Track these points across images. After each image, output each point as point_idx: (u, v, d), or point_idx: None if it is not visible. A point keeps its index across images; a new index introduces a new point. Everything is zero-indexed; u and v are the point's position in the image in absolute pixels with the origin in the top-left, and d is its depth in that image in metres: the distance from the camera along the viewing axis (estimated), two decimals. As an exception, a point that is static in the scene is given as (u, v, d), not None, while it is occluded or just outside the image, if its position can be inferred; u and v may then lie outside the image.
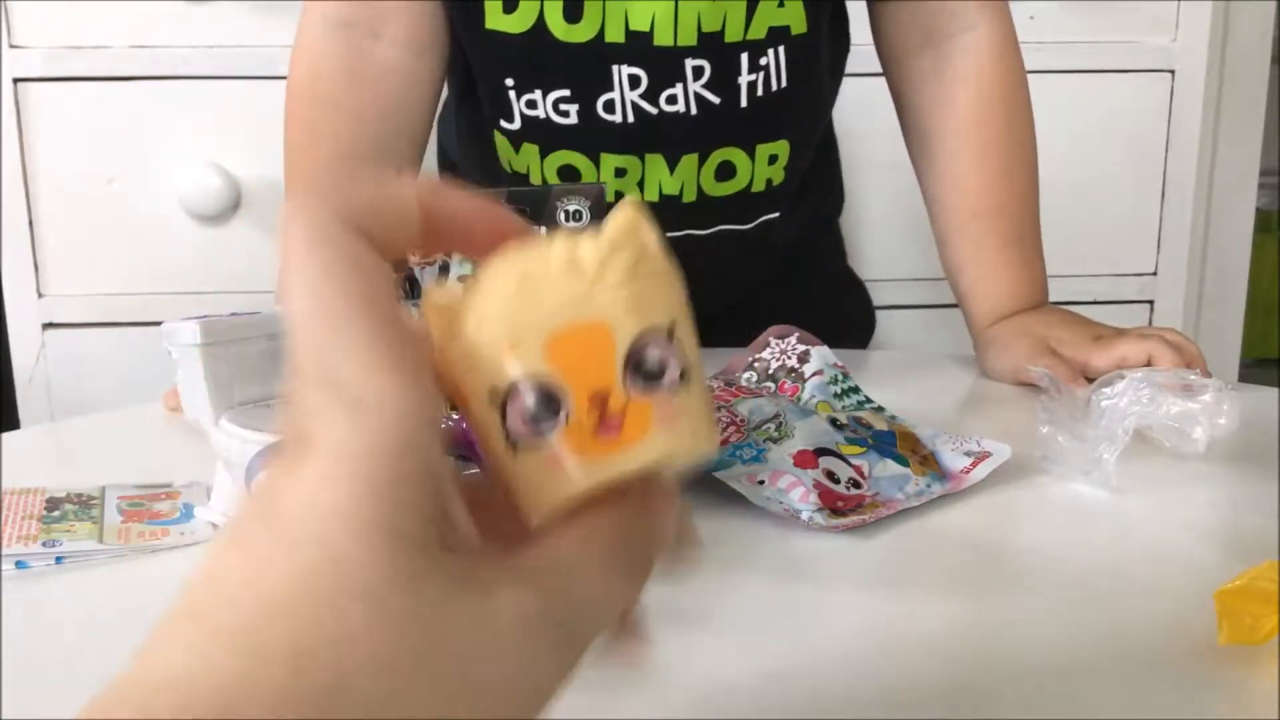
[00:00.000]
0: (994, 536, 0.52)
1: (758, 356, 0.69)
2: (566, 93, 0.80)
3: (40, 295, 1.26)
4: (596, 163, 0.82)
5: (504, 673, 0.22)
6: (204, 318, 0.53)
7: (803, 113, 0.88)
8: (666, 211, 0.82)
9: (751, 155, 0.84)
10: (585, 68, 0.79)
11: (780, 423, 0.59)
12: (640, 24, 0.77)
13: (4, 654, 0.41)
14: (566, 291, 0.26)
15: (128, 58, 1.22)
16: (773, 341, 0.70)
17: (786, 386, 0.66)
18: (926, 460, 0.58)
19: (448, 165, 1.00)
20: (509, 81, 0.82)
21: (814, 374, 0.66)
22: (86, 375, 1.27)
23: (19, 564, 0.48)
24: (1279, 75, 2.00)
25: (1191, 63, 1.37)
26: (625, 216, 0.27)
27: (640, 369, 0.26)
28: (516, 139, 0.84)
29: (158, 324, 0.55)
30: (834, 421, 0.60)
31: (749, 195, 0.86)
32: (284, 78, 0.82)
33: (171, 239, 1.25)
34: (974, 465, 0.58)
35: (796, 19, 0.81)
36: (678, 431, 0.26)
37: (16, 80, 1.21)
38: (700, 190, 0.84)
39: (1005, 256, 0.86)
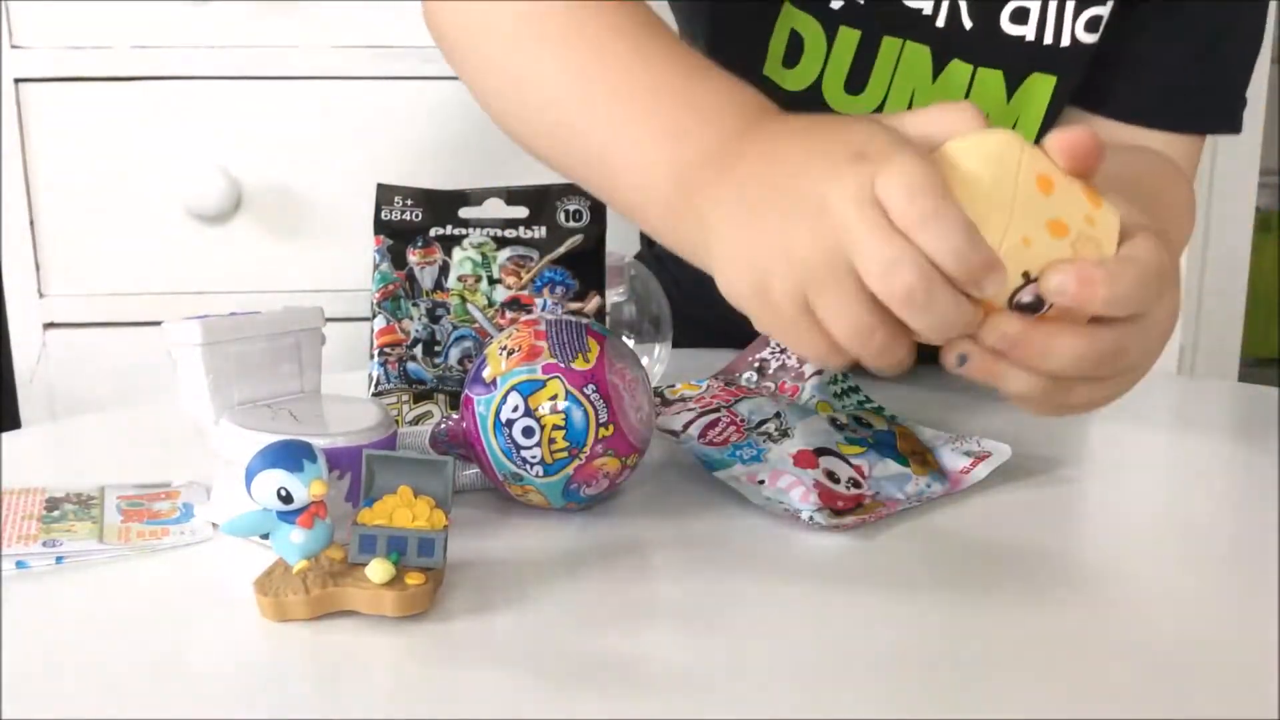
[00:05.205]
0: (994, 536, 0.52)
1: (758, 356, 0.69)
2: None
3: (41, 295, 1.26)
4: None
5: None
6: (204, 318, 0.53)
7: None
8: None
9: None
10: None
11: (780, 422, 0.59)
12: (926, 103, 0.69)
13: (4, 654, 0.41)
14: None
15: (129, 58, 1.22)
16: (773, 342, 0.70)
17: (786, 386, 0.66)
18: (926, 460, 0.58)
19: None
20: None
21: (814, 374, 0.66)
22: (87, 375, 1.27)
23: (19, 564, 0.48)
24: (1279, 75, 2.01)
25: (1192, 63, 1.37)
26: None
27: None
28: None
29: (158, 324, 0.55)
30: (834, 421, 0.60)
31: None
32: (284, 78, 0.81)
33: (173, 239, 1.25)
34: (974, 465, 0.58)
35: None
36: None
37: (17, 80, 1.20)
38: None
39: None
